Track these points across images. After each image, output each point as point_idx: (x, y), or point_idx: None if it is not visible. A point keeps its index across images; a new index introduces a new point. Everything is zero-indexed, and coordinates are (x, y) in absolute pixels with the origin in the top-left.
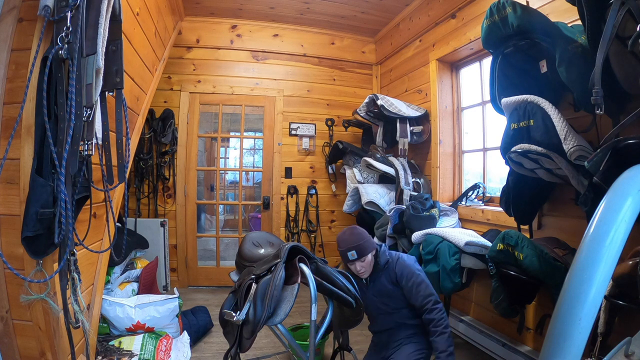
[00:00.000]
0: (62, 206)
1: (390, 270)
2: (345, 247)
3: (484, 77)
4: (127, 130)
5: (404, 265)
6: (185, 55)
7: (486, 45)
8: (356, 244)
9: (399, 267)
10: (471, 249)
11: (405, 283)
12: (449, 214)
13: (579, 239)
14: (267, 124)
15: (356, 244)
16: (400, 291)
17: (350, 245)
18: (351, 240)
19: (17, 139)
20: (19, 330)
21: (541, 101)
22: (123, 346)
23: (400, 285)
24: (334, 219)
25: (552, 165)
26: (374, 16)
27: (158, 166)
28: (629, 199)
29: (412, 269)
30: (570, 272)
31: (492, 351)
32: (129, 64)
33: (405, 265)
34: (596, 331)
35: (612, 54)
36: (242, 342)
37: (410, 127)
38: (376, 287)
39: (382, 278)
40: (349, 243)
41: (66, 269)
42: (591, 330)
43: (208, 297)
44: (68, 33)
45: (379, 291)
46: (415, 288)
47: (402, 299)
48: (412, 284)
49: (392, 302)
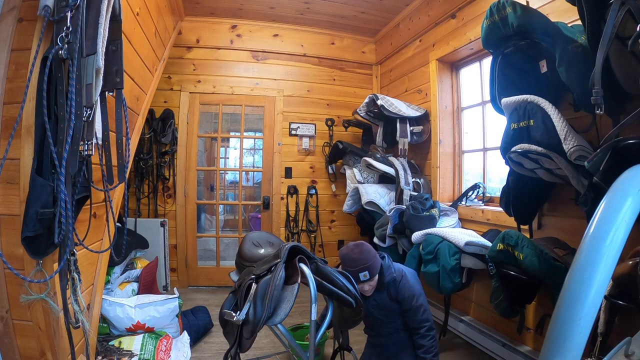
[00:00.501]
0: (62, 206)
1: (392, 289)
2: (356, 267)
3: (484, 77)
4: (127, 130)
5: (407, 287)
6: (185, 55)
7: (486, 45)
8: (368, 264)
9: (401, 288)
10: (471, 249)
11: (406, 304)
12: (449, 214)
13: (579, 239)
14: (267, 124)
15: (368, 263)
16: (399, 307)
17: (362, 265)
18: (362, 260)
19: (17, 139)
20: (19, 330)
21: (541, 101)
22: (123, 346)
23: (400, 304)
24: (334, 219)
25: (552, 165)
26: (374, 16)
27: (158, 166)
28: (629, 199)
29: (414, 292)
30: (570, 272)
31: (492, 351)
32: (129, 64)
33: (409, 287)
34: (596, 331)
35: (612, 54)
36: (242, 342)
37: (410, 127)
38: (376, 300)
39: (384, 294)
40: (360, 263)
41: (66, 269)
42: (591, 330)
43: (208, 297)
44: (68, 33)
45: (378, 304)
46: (413, 311)
47: (399, 313)
48: (412, 307)
49: (390, 314)
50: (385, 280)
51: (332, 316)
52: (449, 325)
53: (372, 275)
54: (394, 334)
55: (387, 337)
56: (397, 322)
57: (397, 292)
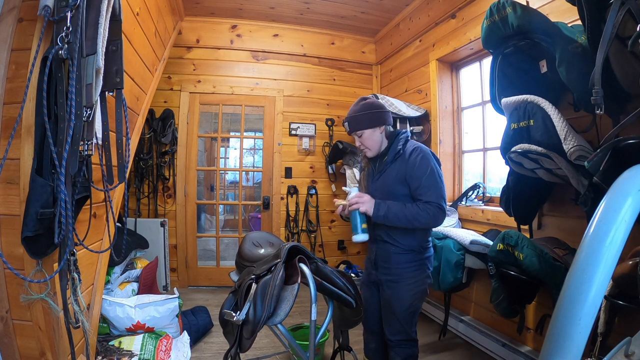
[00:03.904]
0: (62, 206)
1: (401, 163)
2: (346, 116)
3: (484, 77)
4: (127, 130)
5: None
6: (185, 55)
7: (486, 45)
8: (352, 115)
9: (410, 163)
10: (475, 247)
11: (414, 182)
12: (449, 214)
13: (579, 239)
14: (267, 124)
15: (352, 114)
16: (407, 191)
17: (349, 114)
18: (352, 110)
19: (17, 139)
20: (19, 330)
21: (541, 101)
22: (123, 346)
23: (408, 181)
24: (333, 219)
25: (552, 165)
26: (374, 16)
27: (158, 166)
28: (629, 199)
29: (425, 167)
30: (570, 272)
31: (492, 351)
32: (129, 64)
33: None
34: (596, 331)
35: (612, 54)
36: (242, 342)
37: (410, 127)
38: (385, 177)
39: (391, 169)
40: (349, 112)
41: (66, 269)
42: (591, 330)
43: (208, 297)
44: (68, 33)
45: (383, 186)
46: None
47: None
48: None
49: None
50: (390, 150)
51: (332, 316)
52: (449, 325)
53: (353, 128)
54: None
55: (377, 244)
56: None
57: (406, 167)
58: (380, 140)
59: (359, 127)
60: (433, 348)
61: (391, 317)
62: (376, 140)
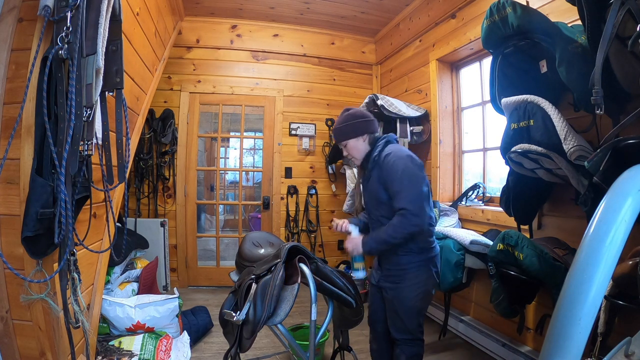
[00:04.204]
0: (62, 206)
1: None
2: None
3: (484, 77)
4: (127, 130)
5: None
6: (185, 55)
7: (486, 45)
8: (336, 126)
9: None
10: (475, 247)
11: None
12: (449, 214)
13: (579, 239)
14: (267, 124)
15: (336, 126)
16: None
17: (335, 126)
18: (337, 121)
19: (17, 139)
20: (19, 330)
21: (541, 101)
22: (123, 346)
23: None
24: (333, 219)
25: (552, 165)
26: (374, 16)
27: (158, 166)
28: (629, 199)
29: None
30: (570, 272)
31: (492, 351)
32: (129, 64)
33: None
34: (596, 331)
35: (612, 54)
36: (242, 342)
37: (410, 127)
38: (370, 184)
39: (373, 176)
40: (334, 124)
41: (66, 269)
42: (591, 330)
43: (208, 297)
44: (68, 33)
45: (370, 192)
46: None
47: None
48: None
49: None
50: (371, 155)
51: (332, 316)
52: (449, 325)
53: (338, 140)
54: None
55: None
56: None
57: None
58: (364, 148)
59: (342, 138)
60: (433, 348)
61: (395, 317)
62: (360, 149)
